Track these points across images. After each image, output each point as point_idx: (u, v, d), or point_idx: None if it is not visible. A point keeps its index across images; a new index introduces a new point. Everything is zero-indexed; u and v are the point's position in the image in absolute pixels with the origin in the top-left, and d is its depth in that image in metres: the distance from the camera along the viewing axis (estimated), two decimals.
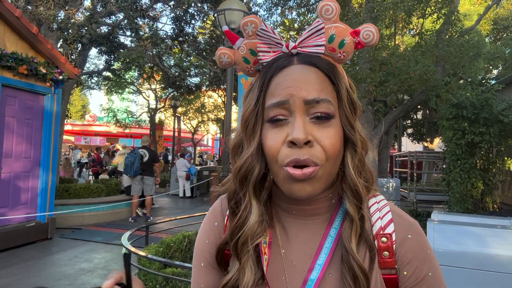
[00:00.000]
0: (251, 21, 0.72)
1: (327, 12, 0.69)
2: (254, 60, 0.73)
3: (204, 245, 0.81)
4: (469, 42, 7.70)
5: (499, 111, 5.48)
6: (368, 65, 7.18)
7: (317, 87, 0.66)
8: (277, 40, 0.71)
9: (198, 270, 0.81)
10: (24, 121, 6.55)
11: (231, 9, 5.42)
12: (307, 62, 0.69)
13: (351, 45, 0.70)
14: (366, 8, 7.31)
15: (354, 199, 0.69)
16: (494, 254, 2.98)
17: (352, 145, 0.70)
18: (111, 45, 9.72)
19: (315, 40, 0.69)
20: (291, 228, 0.75)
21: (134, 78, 20.02)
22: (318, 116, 0.66)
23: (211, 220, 0.83)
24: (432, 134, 14.91)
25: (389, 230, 0.71)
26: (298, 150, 0.64)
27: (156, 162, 9.19)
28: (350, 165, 0.70)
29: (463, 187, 5.74)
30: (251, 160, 0.69)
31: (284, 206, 0.75)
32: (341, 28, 0.70)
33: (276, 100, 0.67)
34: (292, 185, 0.66)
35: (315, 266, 0.70)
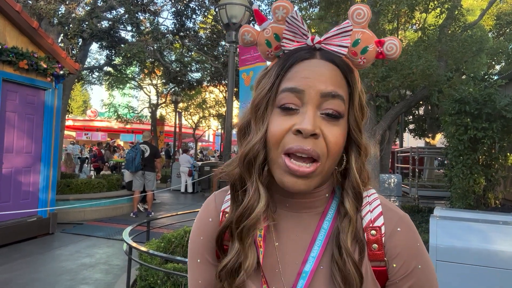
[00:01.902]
0: (284, 6, 0.72)
1: (358, 16, 0.70)
2: (276, 45, 0.74)
3: (199, 241, 0.81)
4: (472, 37, 7.65)
5: (502, 106, 5.45)
6: None
7: (334, 82, 0.68)
8: (305, 31, 0.70)
9: (194, 267, 0.81)
10: (25, 116, 6.54)
11: (232, 3, 5.38)
12: (328, 59, 0.69)
13: (373, 53, 0.72)
14: (368, 2, 7.26)
15: (354, 200, 0.71)
16: (497, 250, 2.97)
17: (357, 147, 0.72)
18: (112, 40, 9.69)
19: (341, 40, 0.70)
20: (284, 221, 0.75)
21: (135, 73, 19.98)
22: (328, 113, 0.67)
23: (205, 215, 0.83)
24: (434, 129, 14.88)
25: (378, 223, 0.72)
26: (303, 140, 0.65)
27: (157, 157, 9.18)
28: (354, 166, 0.71)
29: (465, 183, 5.72)
30: (259, 146, 0.69)
31: (278, 198, 0.76)
32: (368, 35, 0.71)
33: (291, 85, 0.67)
34: (286, 176, 0.67)
35: (309, 259, 0.71)
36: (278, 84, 0.69)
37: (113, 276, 4.80)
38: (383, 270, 0.71)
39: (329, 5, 8.88)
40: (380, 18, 7.93)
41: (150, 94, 20.94)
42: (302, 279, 0.69)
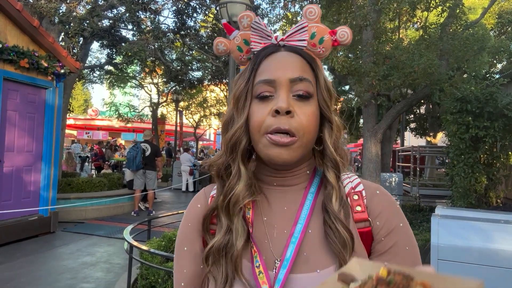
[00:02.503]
0: (247, 15, 0.84)
1: (310, 14, 0.82)
2: (246, 49, 0.85)
3: (187, 228, 0.86)
4: (473, 35, 7.62)
5: (503, 105, 5.43)
6: (372, 59, 7.12)
7: (300, 69, 0.77)
8: (268, 33, 0.82)
9: (181, 255, 0.85)
10: (26, 114, 6.54)
11: (233, 2, 5.37)
12: (292, 50, 0.80)
13: (329, 42, 0.83)
14: (369, 1, 7.24)
15: (334, 169, 0.79)
16: (498, 249, 2.96)
17: (328, 123, 0.81)
18: (112, 38, 9.68)
19: (300, 35, 0.81)
20: (272, 197, 0.83)
21: (136, 72, 19.96)
22: (299, 95, 0.76)
23: (194, 204, 0.89)
24: (436, 128, 14.84)
25: (359, 189, 0.82)
26: (280, 118, 0.73)
27: (158, 156, 9.18)
28: (328, 141, 0.80)
29: (467, 181, 5.70)
30: (240, 131, 0.78)
31: (266, 179, 0.83)
32: (322, 28, 0.82)
33: (264, 78, 0.77)
34: (271, 149, 0.74)
35: (297, 226, 0.77)
36: (253, 78, 0.79)
37: (114, 275, 4.81)
38: (369, 231, 0.78)
39: (330, 3, 8.85)
40: (382, 16, 7.91)
41: (151, 93, 20.92)
42: (292, 244, 0.75)
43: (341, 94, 17.28)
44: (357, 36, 7.89)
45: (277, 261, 0.75)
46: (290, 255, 0.74)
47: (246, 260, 0.76)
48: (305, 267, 0.74)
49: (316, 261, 0.74)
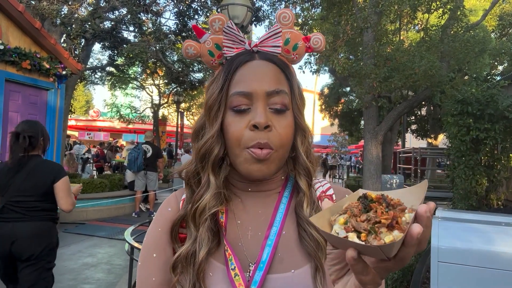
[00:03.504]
0: (219, 19, 0.81)
1: (284, 19, 0.80)
2: (218, 54, 0.82)
3: (157, 233, 0.82)
4: (474, 37, 7.63)
5: (504, 107, 5.43)
6: (373, 61, 7.13)
7: (276, 80, 0.77)
8: (241, 38, 0.80)
9: (148, 263, 0.80)
10: (27, 116, 6.56)
11: (235, 4, 5.39)
12: (267, 59, 0.79)
13: (303, 48, 0.82)
14: (370, 3, 7.25)
15: (306, 176, 0.81)
16: (499, 252, 2.96)
17: (302, 131, 0.81)
18: (114, 40, 9.71)
19: (274, 41, 0.80)
20: (246, 201, 0.83)
21: (138, 74, 20.00)
22: (277, 109, 0.76)
23: (164, 208, 0.87)
24: (436, 130, 14.83)
25: (329, 192, 0.85)
26: (259, 133, 0.73)
27: (160, 157, 9.19)
28: (300, 148, 0.81)
29: (468, 184, 5.70)
30: (212, 141, 0.77)
31: (240, 185, 0.83)
32: (295, 34, 0.81)
33: (240, 90, 0.75)
34: (252, 165, 0.74)
35: (272, 228, 0.78)
36: (227, 87, 0.77)
37: (115, 276, 4.81)
38: None
39: (331, 5, 8.88)
40: (383, 18, 7.92)
41: (152, 94, 20.96)
42: (268, 246, 0.76)
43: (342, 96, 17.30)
44: (358, 38, 7.90)
45: (251, 264, 0.75)
46: (266, 257, 0.74)
47: (220, 264, 0.75)
48: (280, 268, 0.75)
49: (291, 262, 0.75)
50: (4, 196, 2.60)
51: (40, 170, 2.67)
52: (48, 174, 2.67)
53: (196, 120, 0.85)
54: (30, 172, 2.62)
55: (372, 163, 7.45)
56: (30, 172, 2.63)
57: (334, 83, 17.33)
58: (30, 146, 2.65)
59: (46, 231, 2.68)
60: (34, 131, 2.69)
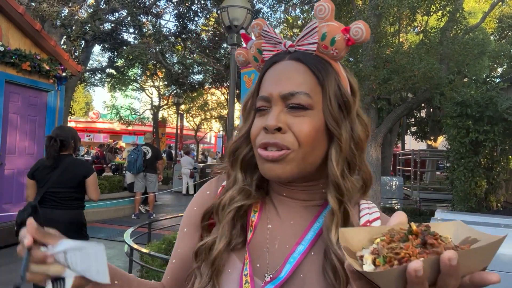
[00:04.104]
0: (257, 24, 0.80)
1: (320, 12, 0.75)
2: (261, 58, 0.81)
3: (191, 211, 0.87)
4: (473, 40, 7.65)
5: (503, 109, 5.44)
6: (372, 63, 7.14)
7: (295, 81, 0.71)
8: (278, 39, 0.77)
9: (180, 236, 0.86)
10: (27, 117, 6.57)
11: (234, 6, 5.40)
12: (295, 58, 0.74)
13: (341, 42, 0.73)
14: (370, 5, 7.27)
15: (335, 191, 0.70)
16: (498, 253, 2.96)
17: (337, 141, 0.71)
18: (114, 42, 9.72)
19: (310, 38, 0.74)
20: (281, 207, 0.79)
21: (137, 75, 20.02)
22: (292, 106, 0.71)
23: (204, 190, 0.89)
24: (436, 132, 14.85)
25: (375, 224, 0.73)
26: (269, 135, 0.70)
27: (159, 159, 9.19)
28: (333, 160, 0.71)
29: (467, 185, 5.71)
30: (241, 140, 0.79)
31: (275, 187, 0.80)
32: (333, 26, 0.74)
33: (261, 94, 0.75)
34: (264, 164, 0.72)
35: (299, 246, 0.72)
36: (257, 89, 0.78)
37: None
38: None
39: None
40: (382, 20, 7.94)
41: (152, 96, 20.98)
42: (289, 264, 0.71)
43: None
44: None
45: (267, 274, 0.72)
46: (284, 275, 0.70)
47: (240, 263, 0.74)
48: None
49: (312, 286, 0.70)
50: (43, 187, 3.16)
51: (74, 167, 3.24)
52: (80, 171, 3.26)
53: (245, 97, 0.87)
54: (65, 169, 3.18)
55: (372, 165, 7.45)
56: (65, 169, 3.19)
57: None
58: (63, 148, 3.20)
59: (77, 216, 3.32)
60: (65, 135, 3.24)
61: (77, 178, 3.24)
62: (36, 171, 3.27)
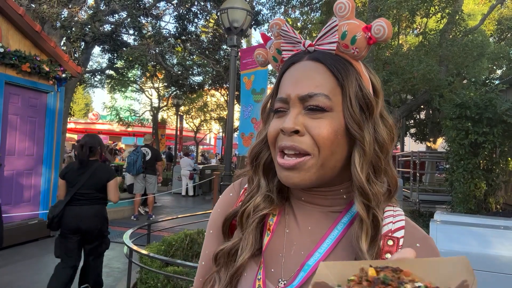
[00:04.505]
0: (276, 23, 0.78)
1: (340, 10, 0.72)
2: (280, 58, 0.78)
3: (216, 213, 0.87)
4: (473, 42, 7.67)
5: (503, 111, 5.45)
6: (371, 65, 7.15)
7: (314, 82, 0.69)
8: (297, 39, 0.74)
9: (207, 237, 0.87)
10: (27, 118, 6.57)
11: (234, 8, 5.41)
12: (314, 59, 0.71)
13: (362, 40, 0.71)
14: (369, 7, 7.29)
15: (361, 197, 0.67)
16: (498, 255, 2.96)
17: (360, 144, 0.68)
18: (114, 43, 9.73)
19: (330, 37, 0.71)
20: (299, 211, 0.77)
21: (137, 77, 20.03)
22: (310, 108, 0.68)
23: (227, 192, 0.89)
24: (435, 134, 14.85)
25: (397, 235, 0.69)
26: (287, 138, 0.68)
27: (159, 160, 9.20)
28: (356, 164, 0.67)
29: (466, 187, 5.71)
30: (261, 145, 0.77)
31: (294, 191, 0.78)
32: (354, 25, 0.71)
33: (279, 96, 0.73)
34: (282, 172, 0.70)
35: (315, 253, 0.70)
36: (276, 91, 0.76)
37: (114, 279, 4.80)
38: None
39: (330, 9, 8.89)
40: None
41: (151, 97, 20.98)
42: (304, 271, 0.68)
43: None
44: None
45: (282, 280, 0.71)
46: (297, 282, 0.68)
47: (255, 264, 0.74)
48: None
49: None
50: (73, 188, 3.62)
51: (99, 172, 3.71)
52: (104, 175, 3.74)
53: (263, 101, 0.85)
54: (92, 173, 3.66)
55: None
56: (92, 173, 3.67)
57: None
58: (91, 154, 3.68)
59: (101, 212, 3.84)
60: (93, 142, 3.72)
61: (102, 182, 3.72)
62: (67, 174, 3.74)
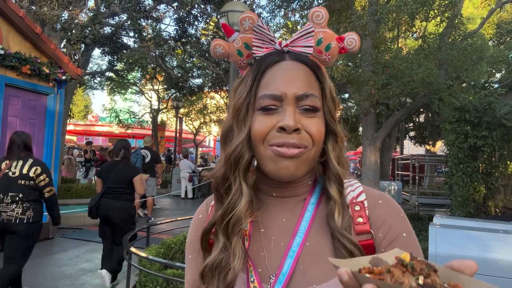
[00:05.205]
0: (249, 17, 0.77)
1: (317, 18, 0.76)
2: (247, 53, 0.79)
3: (191, 237, 0.86)
4: (472, 45, 7.69)
5: (502, 115, 5.46)
6: (371, 68, 7.17)
7: (306, 83, 0.73)
8: (271, 37, 0.76)
9: (187, 263, 0.86)
10: (26, 120, 6.57)
11: (234, 11, 5.43)
12: (297, 60, 0.75)
13: (336, 49, 0.77)
14: (369, 11, 7.31)
15: (336, 183, 0.75)
16: (497, 259, 2.96)
17: (333, 136, 0.77)
18: (114, 45, 9.75)
19: (305, 41, 0.76)
20: (270, 208, 0.79)
21: (137, 79, 20.05)
22: (306, 108, 0.72)
23: (196, 215, 0.88)
24: (435, 137, 14.88)
25: (361, 199, 0.77)
26: (287, 135, 0.70)
27: (158, 162, 9.18)
28: (331, 154, 0.76)
29: (465, 191, 5.71)
30: (242, 146, 0.74)
31: (265, 189, 0.80)
32: (329, 34, 0.77)
33: (270, 92, 0.72)
34: (278, 163, 0.70)
35: (296, 238, 0.73)
36: (255, 89, 0.74)
37: None
38: (371, 243, 0.73)
39: (330, 13, 8.94)
40: (381, 26, 7.98)
41: (151, 99, 21.00)
42: (290, 258, 0.72)
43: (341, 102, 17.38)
44: None
45: (272, 276, 0.72)
46: (287, 269, 0.71)
47: (242, 273, 0.73)
48: (301, 281, 0.70)
49: (313, 276, 0.71)
50: (105, 184, 4.49)
51: (125, 170, 4.55)
52: (130, 173, 4.56)
53: (223, 123, 0.82)
54: (119, 171, 4.51)
55: (370, 170, 7.47)
56: (119, 171, 4.51)
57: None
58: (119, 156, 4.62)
59: (127, 206, 4.55)
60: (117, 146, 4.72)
61: (127, 178, 4.51)
62: (102, 173, 4.67)
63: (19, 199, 3.48)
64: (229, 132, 0.78)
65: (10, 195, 3.47)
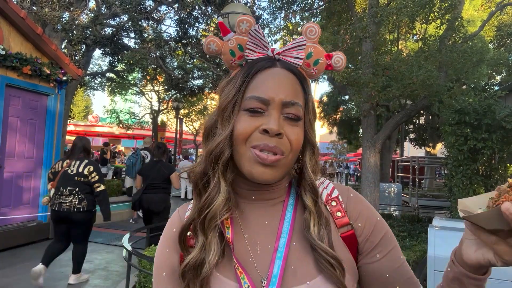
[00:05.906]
0: (247, 20, 0.80)
1: (311, 33, 0.81)
2: (240, 55, 0.81)
3: (165, 253, 0.82)
4: (472, 48, 7.69)
5: (501, 117, 5.46)
6: (371, 70, 7.18)
7: (293, 91, 0.76)
8: (265, 43, 0.79)
9: (160, 281, 0.81)
10: (27, 121, 6.58)
11: (235, 13, 5.44)
12: (287, 68, 0.78)
13: (323, 65, 0.82)
14: (369, 13, 7.32)
15: (311, 193, 0.78)
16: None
17: (311, 146, 0.80)
18: (115, 46, 9.76)
19: (296, 52, 0.79)
20: (251, 212, 0.81)
21: (137, 80, 20.05)
22: (290, 117, 0.75)
23: (169, 228, 0.85)
24: (435, 139, 14.88)
25: (335, 194, 0.83)
26: (269, 138, 0.72)
27: None
28: (308, 164, 0.80)
29: (465, 193, 5.71)
30: (224, 143, 0.75)
31: (244, 193, 0.81)
32: (319, 50, 0.81)
33: (258, 95, 0.74)
34: (255, 167, 0.72)
35: (281, 239, 0.76)
36: (244, 89, 0.76)
37: (112, 282, 4.80)
38: (352, 234, 0.79)
39: (331, 15, 8.97)
40: (381, 28, 7.99)
41: (151, 100, 20.99)
42: (278, 259, 0.74)
43: (341, 104, 17.38)
44: (357, 48, 7.96)
45: (263, 279, 0.72)
46: (277, 271, 0.72)
47: (231, 281, 0.73)
48: (294, 281, 0.72)
49: (304, 273, 0.73)
50: (146, 180, 5.31)
51: (164, 168, 5.38)
52: (167, 170, 5.41)
53: (207, 118, 0.83)
54: (159, 169, 5.34)
55: (370, 171, 7.47)
56: (159, 169, 5.34)
57: (333, 91, 17.41)
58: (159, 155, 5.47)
59: (165, 198, 5.42)
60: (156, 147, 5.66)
61: (165, 176, 5.33)
62: (142, 170, 5.60)
63: (75, 192, 4.27)
64: (213, 129, 0.79)
65: (68, 189, 4.26)
